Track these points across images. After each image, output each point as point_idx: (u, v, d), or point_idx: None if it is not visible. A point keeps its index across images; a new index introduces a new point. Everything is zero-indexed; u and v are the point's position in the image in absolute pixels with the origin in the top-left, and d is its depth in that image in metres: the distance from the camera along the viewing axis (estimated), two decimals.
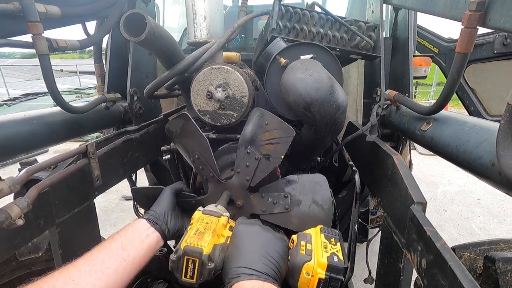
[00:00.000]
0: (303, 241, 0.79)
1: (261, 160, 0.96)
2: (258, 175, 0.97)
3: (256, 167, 0.96)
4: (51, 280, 0.64)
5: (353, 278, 1.24)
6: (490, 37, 2.35)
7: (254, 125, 0.99)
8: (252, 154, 0.96)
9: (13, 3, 0.95)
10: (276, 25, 1.24)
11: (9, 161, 5.27)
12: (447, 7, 0.91)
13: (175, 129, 1.06)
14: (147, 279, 1.48)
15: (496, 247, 1.07)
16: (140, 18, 0.87)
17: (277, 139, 0.95)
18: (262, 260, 0.70)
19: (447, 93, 1.00)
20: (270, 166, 0.96)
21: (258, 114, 1.00)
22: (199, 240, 0.74)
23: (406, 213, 0.82)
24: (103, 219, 4.09)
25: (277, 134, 0.95)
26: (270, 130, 0.96)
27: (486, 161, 0.82)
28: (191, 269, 0.72)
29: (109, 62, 1.60)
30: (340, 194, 1.82)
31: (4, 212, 0.72)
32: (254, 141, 0.97)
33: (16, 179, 0.81)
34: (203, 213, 0.86)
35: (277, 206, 0.98)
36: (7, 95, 12.28)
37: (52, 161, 0.98)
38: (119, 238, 0.80)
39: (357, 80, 2.06)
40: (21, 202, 0.77)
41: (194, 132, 1.02)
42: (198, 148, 1.02)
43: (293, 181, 1.00)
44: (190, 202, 1.04)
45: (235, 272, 0.68)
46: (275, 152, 0.95)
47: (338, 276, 0.72)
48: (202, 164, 1.01)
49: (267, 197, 0.99)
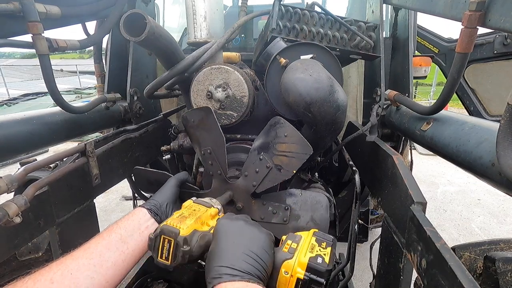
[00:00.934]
0: (290, 240, 0.75)
1: (272, 169, 0.95)
2: (266, 184, 0.97)
3: (265, 175, 0.96)
4: (49, 273, 0.63)
5: (353, 278, 1.24)
6: (490, 37, 2.35)
7: (273, 134, 0.98)
8: (264, 162, 0.96)
9: (13, 3, 0.95)
10: (276, 25, 1.24)
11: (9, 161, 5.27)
12: (447, 7, 0.91)
13: (193, 119, 1.06)
14: (147, 279, 1.48)
15: (496, 247, 1.07)
16: (140, 18, 0.87)
17: (293, 153, 0.94)
18: (246, 259, 0.64)
19: (447, 93, 1.00)
20: (280, 177, 0.96)
21: (280, 124, 0.99)
22: (179, 222, 0.73)
23: (406, 213, 0.82)
24: (103, 219, 4.08)
25: (294, 149, 0.94)
26: (288, 143, 0.95)
27: (486, 161, 0.82)
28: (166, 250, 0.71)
29: (109, 62, 1.60)
30: (340, 194, 1.82)
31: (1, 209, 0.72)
32: (269, 149, 0.97)
33: (14, 177, 0.81)
34: (194, 201, 0.86)
35: (276, 216, 0.98)
36: (7, 95, 12.27)
37: (50, 159, 0.98)
38: (118, 230, 0.79)
39: (357, 80, 2.06)
40: (19, 200, 0.77)
41: (213, 127, 1.02)
42: (212, 144, 1.02)
43: (296, 195, 1.01)
44: (192, 194, 1.04)
45: (217, 272, 0.62)
46: (288, 165, 0.95)
47: (319, 278, 0.66)
48: (212, 159, 1.01)
49: (268, 205, 0.99)
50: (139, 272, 1.46)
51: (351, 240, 1.14)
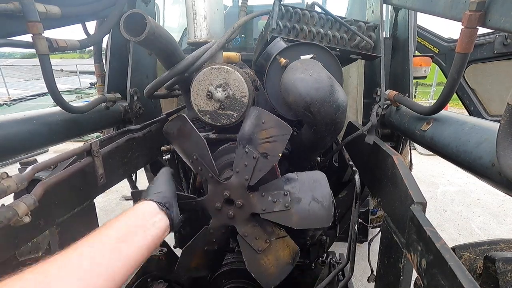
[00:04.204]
0: None
1: (259, 159, 0.96)
2: (257, 174, 0.97)
3: (254, 166, 0.96)
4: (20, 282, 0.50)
5: (353, 278, 1.24)
6: (490, 37, 2.35)
7: (251, 124, 0.99)
8: (250, 153, 0.96)
9: (13, 3, 0.95)
10: (276, 25, 1.24)
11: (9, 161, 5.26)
12: (447, 7, 0.91)
13: (172, 131, 1.06)
14: (147, 279, 1.49)
15: (496, 247, 1.07)
16: (140, 18, 0.87)
17: (274, 137, 0.95)
18: None
19: (447, 93, 1.00)
20: (268, 164, 0.96)
21: (255, 113, 1.00)
22: None
23: (406, 213, 0.82)
24: (103, 219, 4.06)
25: (274, 132, 0.95)
26: (267, 129, 0.96)
27: (486, 161, 0.82)
28: None
29: (109, 62, 1.60)
30: (340, 194, 1.82)
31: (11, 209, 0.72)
32: (252, 140, 0.97)
33: (23, 176, 0.81)
34: None
35: (277, 204, 0.97)
36: (7, 95, 12.27)
37: (57, 159, 0.98)
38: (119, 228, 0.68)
39: (357, 80, 2.06)
40: (28, 200, 0.77)
41: (191, 133, 1.02)
42: (196, 149, 1.02)
43: (292, 179, 1.00)
44: (190, 204, 1.04)
45: None
46: (273, 150, 0.95)
47: None
48: (200, 165, 1.01)
49: (267, 195, 0.99)
50: (139, 272, 1.47)
51: (351, 240, 1.14)
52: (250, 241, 1.00)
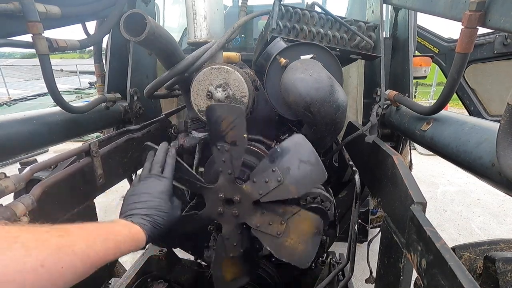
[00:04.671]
0: None
1: (230, 149, 0.98)
2: (236, 163, 0.99)
3: (230, 157, 0.99)
4: None
5: (353, 278, 1.24)
6: (490, 37, 2.35)
7: (212, 122, 1.00)
8: (222, 148, 0.99)
9: (13, 3, 0.95)
10: (276, 25, 1.24)
11: (9, 161, 5.27)
12: (447, 7, 0.91)
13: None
14: (147, 279, 1.48)
15: (496, 247, 1.07)
16: (140, 18, 0.87)
17: (232, 123, 0.97)
18: None
19: (447, 93, 1.00)
20: (240, 149, 0.98)
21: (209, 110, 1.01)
22: None
23: (406, 213, 0.82)
24: (103, 219, 4.07)
25: (230, 118, 0.97)
26: (224, 119, 0.97)
27: (486, 161, 0.82)
28: None
29: (109, 62, 1.60)
30: (340, 194, 1.82)
31: (9, 209, 0.72)
32: (219, 136, 1.00)
33: (21, 176, 0.81)
34: None
35: (270, 182, 0.97)
36: (7, 95, 12.27)
37: (55, 159, 0.98)
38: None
39: (357, 80, 2.06)
40: (26, 200, 0.77)
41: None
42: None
43: (275, 153, 0.99)
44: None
45: None
46: (237, 135, 0.97)
47: None
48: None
49: (258, 179, 0.99)
50: (139, 272, 1.47)
51: (351, 240, 1.14)
52: (265, 229, 1.00)
